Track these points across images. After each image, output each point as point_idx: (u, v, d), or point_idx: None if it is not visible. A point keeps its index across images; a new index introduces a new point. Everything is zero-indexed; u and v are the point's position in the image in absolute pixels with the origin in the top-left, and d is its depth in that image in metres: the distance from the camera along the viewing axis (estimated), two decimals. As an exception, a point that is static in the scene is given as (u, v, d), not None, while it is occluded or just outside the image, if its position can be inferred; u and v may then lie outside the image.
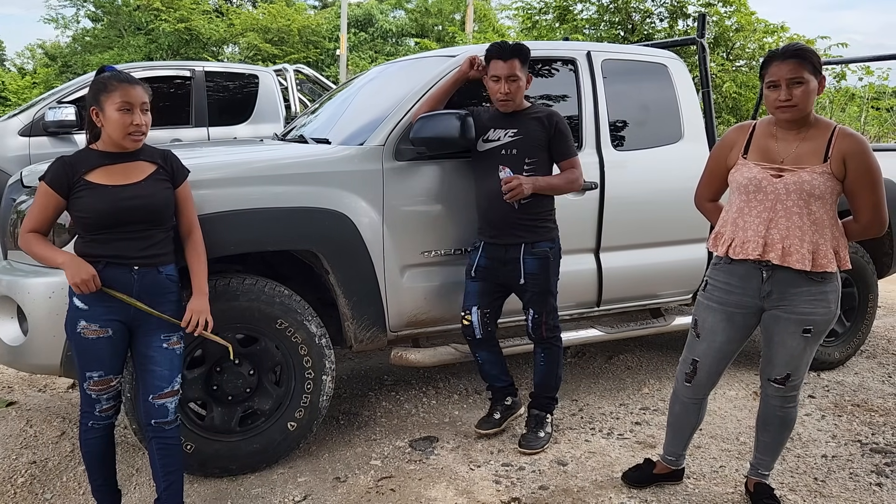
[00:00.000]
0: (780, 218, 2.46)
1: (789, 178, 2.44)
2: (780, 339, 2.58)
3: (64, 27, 25.23)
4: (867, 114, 17.44)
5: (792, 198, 2.44)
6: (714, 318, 2.66)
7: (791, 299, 2.51)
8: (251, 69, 7.24)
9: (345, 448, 3.30)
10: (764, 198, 2.48)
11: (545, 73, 3.73)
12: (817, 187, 2.41)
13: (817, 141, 2.45)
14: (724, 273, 2.63)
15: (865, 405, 3.89)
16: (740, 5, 12.00)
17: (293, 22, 23.51)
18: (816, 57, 2.42)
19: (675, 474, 2.98)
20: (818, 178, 2.41)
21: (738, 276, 2.58)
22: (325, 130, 3.70)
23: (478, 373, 3.50)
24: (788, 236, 2.45)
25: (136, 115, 2.32)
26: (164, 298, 2.40)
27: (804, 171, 2.43)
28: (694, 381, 2.76)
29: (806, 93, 2.39)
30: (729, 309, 2.62)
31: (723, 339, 2.66)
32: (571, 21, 13.08)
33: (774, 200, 2.46)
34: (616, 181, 3.66)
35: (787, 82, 2.40)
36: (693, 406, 2.83)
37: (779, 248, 2.46)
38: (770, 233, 2.47)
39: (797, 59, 2.39)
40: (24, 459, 3.13)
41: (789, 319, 2.53)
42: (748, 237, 2.51)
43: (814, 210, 2.43)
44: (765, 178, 2.48)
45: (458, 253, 3.33)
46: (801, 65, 2.38)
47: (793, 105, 2.40)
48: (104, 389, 2.39)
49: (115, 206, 2.28)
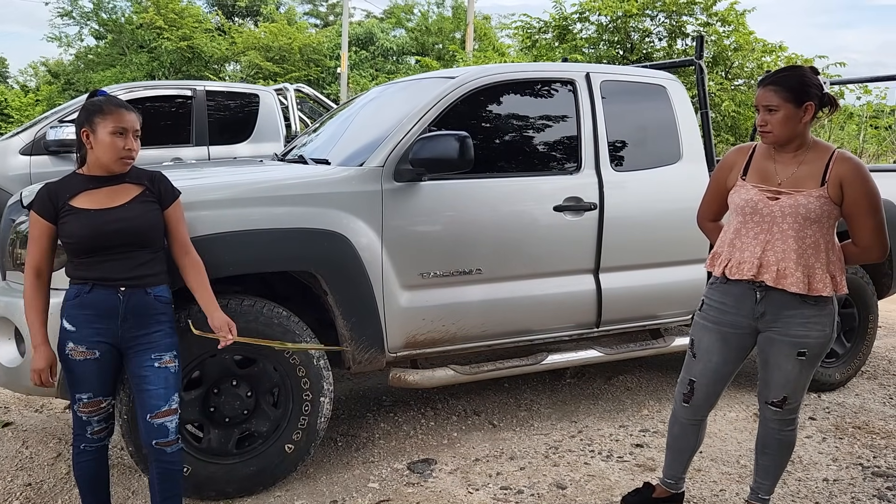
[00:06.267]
0: (776, 240, 2.46)
1: (785, 202, 2.44)
2: (776, 362, 2.57)
3: (67, 45, 25.39)
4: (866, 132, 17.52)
5: (787, 221, 2.44)
6: (710, 339, 2.66)
7: (785, 321, 2.51)
8: (252, 88, 7.27)
9: (342, 470, 3.27)
10: (760, 220, 2.49)
11: (544, 93, 3.75)
12: (813, 211, 2.41)
13: (815, 164, 2.45)
14: (719, 293, 2.64)
15: (866, 427, 3.87)
16: (739, 25, 12.11)
17: (294, 40, 23.70)
18: (801, 84, 2.40)
19: (674, 498, 2.95)
20: (814, 201, 2.41)
21: (733, 297, 2.59)
22: (324, 151, 3.71)
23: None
24: (784, 259, 2.45)
25: (128, 140, 2.32)
26: (154, 320, 2.38)
27: (801, 194, 2.43)
28: (692, 401, 2.75)
29: (780, 120, 2.41)
30: (724, 329, 2.63)
31: (718, 360, 2.66)
32: (571, 40, 13.17)
33: (770, 223, 2.47)
34: (615, 202, 3.66)
35: (763, 108, 2.44)
36: (692, 427, 2.81)
37: (773, 270, 2.47)
38: (766, 255, 2.48)
39: (771, 87, 2.42)
40: (20, 481, 3.11)
41: (784, 342, 2.52)
42: (744, 258, 2.52)
43: (809, 234, 2.44)
44: (761, 201, 2.49)
45: (457, 274, 3.33)
46: (773, 92, 2.41)
47: (768, 131, 2.45)
48: (94, 411, 2.38)
49: (97, 230, 2.28)
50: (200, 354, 2.83)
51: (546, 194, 3.52)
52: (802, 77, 2.43)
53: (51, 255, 2.37)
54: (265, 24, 25.21)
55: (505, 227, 3.41)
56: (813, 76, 2.44)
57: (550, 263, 3.55)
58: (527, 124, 3.68)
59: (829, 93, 2.45)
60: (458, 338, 3.38)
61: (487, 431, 3.75)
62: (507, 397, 4.22)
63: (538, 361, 3.65)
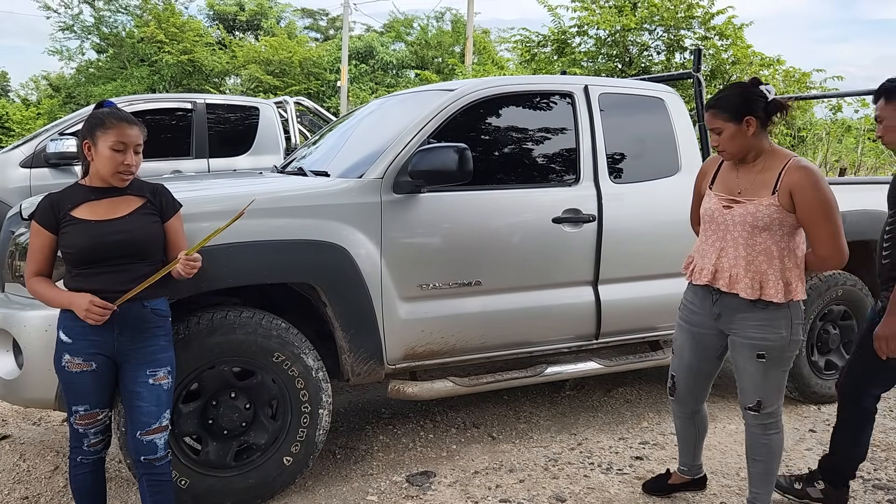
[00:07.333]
0: (730, 247, 2.60)
1: (738, 210, 2.57)
2: (742, 365, 2.67)
3: (68, 59, 25.48)
4: (864, 145, 17.56)
5: (738, 229, 2.57)
6: (683, 337, 2.86)
7: (740, 324, 2.63)
8: (252, 101, 7.30)
9: (341, 483, 3.26)
10: (717, 228, 2.64)
11: (543, 106, 3.76)
12: (761, 219, 2.51)
13: (770, 173, 2.55)
14: (690, 294, 2.84)
15: (867, 439, 3.85)
16: (737, 38, 12.17)
17: (295, 54, 23.82)
18: (737, 101, 2.52)
19: (695, 483, 3.12)
20: (764, 209, 2.51)
21: (699, 298, 2.78)
22: (324, 163, 3.72)
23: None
24: (735, 265, 2.58)
25: (128, 155, 2.32)
26: (150, 333, 2.38)
27: (752, 202, 2.54)
28: (676, 395, 2.95)
29: (726, 139, 2.55)
30: (693, 328, 2.80)
31: (690, 357, 2.83)
32: (570, 54, 13.25)
33: (724, 231, 2.61)
34: (614, 213, 3.67)
35: (711, 131, 2.60)
36: (687, 420, 2.99)
37: (727, 275, 2.61)
38: (720, 261, 2.63)
39: (711, 111, 2.57)
40: (17, 495, 3.09)
41: (743, 344, 2.64)
42: (703, 264, 2.70)
43: (759, 241, 2.54)
44: (717, 209, 2.64)
45: (456, 286, 3.33)
46: (713, 115, 2.56)
47: (722, 150, 2.60)
48: (91, 423, 2.37)
49: (97, 241, 2.28)
50: (199, 367, 2.83)
51: (545, 206, 3.53)
52: (738, 94, 2.55)
53: (50, 265, 2.37)
54: (266, 38, 25.35)
55: (504, 239, 3.42)
56: (752, 89, 2.54)
57: (549, 275, 3.55)
58: (525, 136, 3.69)
59: (777, 99, 2.54)
60: (457, 349, 3.38)
61: (487, 444, 3.73)
62: (506, 409, 4.21)
63: (537, 373, 3.65)
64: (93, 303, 2.22)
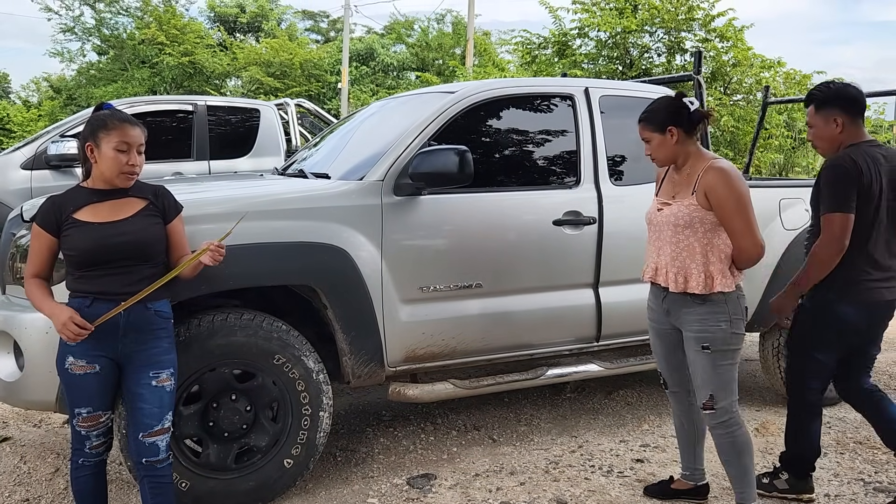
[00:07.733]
0: (664, 246, 2.78)
1: (666, 211, 2.76)
2: (692, 359, 2.78)
3: (69, 60, 25.54)
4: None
5: (667, 228, 2.75)
6: (652, 335, 3.02)
7: (685, 318, 2.76)
8: (252, 103, 7.31)
9: (342, 486, 3.26)
10: (654, 229, 2.85)
11: (544, 108, 3.77)
12: (682, 218, 2.69)
13: (692, 176, 2.72)
14: (650, 293, 2.99)
15: (868, 442, 3.84)
16: (737, 41, 12.15)
17: (295, 56, 23.83)
18: (660, 114, 2.72)
19: (697, 490, 3.12)
20: (684, 209, 2.69)
21: (653, 296, 2.94)
22: (324, 165, 3.72)
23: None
24: (668, 263, 2.76)
25: (132, 155, 2.33)
26: (154, 335, 2.38)
27: (676, 203, 2.73)
28: (668, 389, 3.05)
29: (654, 148, 2.75)
30: (655, 325, 2.97)
31: (660, 352, 2.98)
32: (570, 56, 13.23)
33: (659, 231, 2.80)
34: (614, 216, 3.67)
35: (643, 140, 2.79)
36: (685, 415, 3.04)
37: (664, 272, 2.78)
38: (658, 260, 2.82)
39: (640, 124, 2.78)
40: (18, 497, 3.09)
41: (689, 338, 2.77)
42: (648, 262, 2.90)
43: (682, 238, 2.71)
44: (653, 212, 2.85)
45: (457, 288, 3.32)
46: (643, 127, 2.77)
47: (653, 158, 2.80)
48: (93, 426, 2.37)
49: (100, 242, 2.28)
50: (200, 369, 2.83)
51: (545, 208, 3.53)
52: (664, 107, 2.74)
53: (49, 267, 2.38)
54: (266, 40, 25.37)
55: (504, 242, 3.42)
56: (674, 102, 2.73)
57: (550, 277, 3.55)
58: (526, 139, 3.70)
59: (699, 110, 2.71)
60: (457, 352, 3.38)
61: (487, 446, 3.73)
62: (507, 412, 4.21)
63: (538, 376, 3.64)
64: (72, 319, 2.22)
